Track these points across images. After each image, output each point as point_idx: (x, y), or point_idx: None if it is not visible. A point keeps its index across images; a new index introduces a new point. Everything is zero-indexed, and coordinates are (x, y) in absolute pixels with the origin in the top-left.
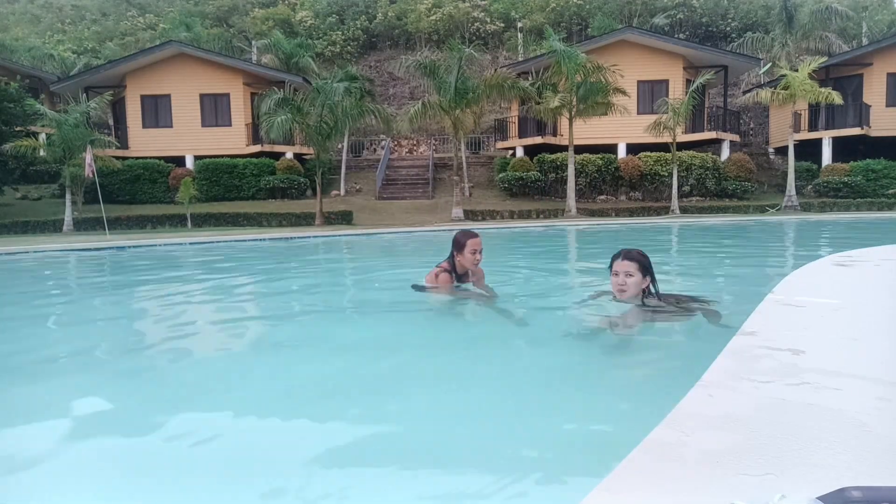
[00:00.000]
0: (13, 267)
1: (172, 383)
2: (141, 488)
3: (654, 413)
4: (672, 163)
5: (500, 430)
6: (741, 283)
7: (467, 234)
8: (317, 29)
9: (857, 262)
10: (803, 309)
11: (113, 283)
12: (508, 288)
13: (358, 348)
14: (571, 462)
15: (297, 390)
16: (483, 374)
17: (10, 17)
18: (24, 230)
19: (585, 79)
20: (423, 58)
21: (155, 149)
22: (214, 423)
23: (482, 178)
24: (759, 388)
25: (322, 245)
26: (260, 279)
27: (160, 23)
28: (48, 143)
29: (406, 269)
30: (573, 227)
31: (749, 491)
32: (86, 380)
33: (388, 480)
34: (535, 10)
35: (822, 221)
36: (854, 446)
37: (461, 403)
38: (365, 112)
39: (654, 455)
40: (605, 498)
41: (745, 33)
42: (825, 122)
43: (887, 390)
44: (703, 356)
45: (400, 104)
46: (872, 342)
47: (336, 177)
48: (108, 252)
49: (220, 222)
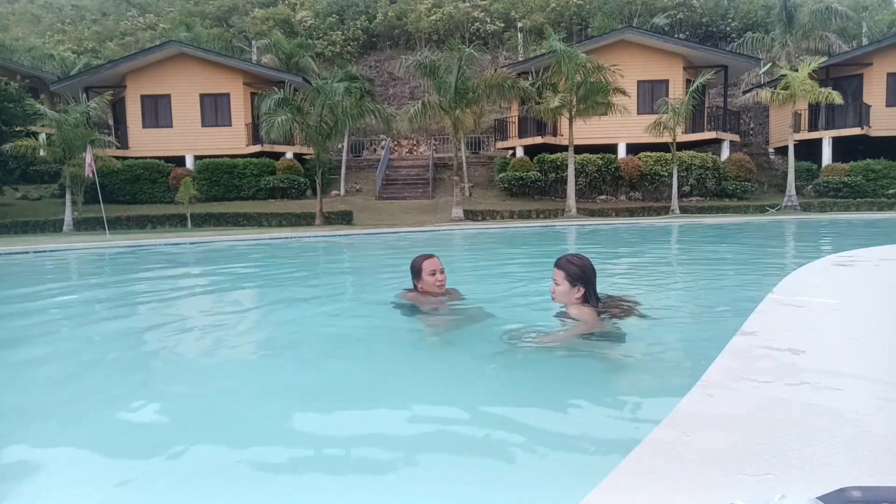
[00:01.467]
0: (12, 267)
1: (172, 384)
2: (140, 489)
3: (654, 413)
4: (672, 163)
5: (499, 431)
6: (741, 283)
7: (421, 256)
8: (317, 29)
9: (857, 262)
10: (803, 309)
11: (113, 283)
12: (498, 286)
13: (358, 348)
14: (571, 462)
15: (296, 390)
16: (482, 374)
17: (10, 17)
18: (24, 230)
19: (585, 79)
20: (423, 58)
21: (155, 149)
22: (215, 422)
23: (482, 178)
24: (759, 388)
25: (322, 245)
26: (260, 279)
27: (160, 23)
28: (48, 143)
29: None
30: (574, 227)
31: (749, 491)
32: (83, 380)
33: (388, 481)
34: (535, 10)
35: (822, 221)
36: (854, 446)
37: (460, 404)
38: (365, 112)
39: (654, 455)
40: (605, 498)
41: (745, 33)
42: (825, 122)
43: (887, 390)
44: (703, 356)
45: (400, 104)
46: (872, 342)
47: (336, 177)
48: (107, 252)
49: (220, 222)
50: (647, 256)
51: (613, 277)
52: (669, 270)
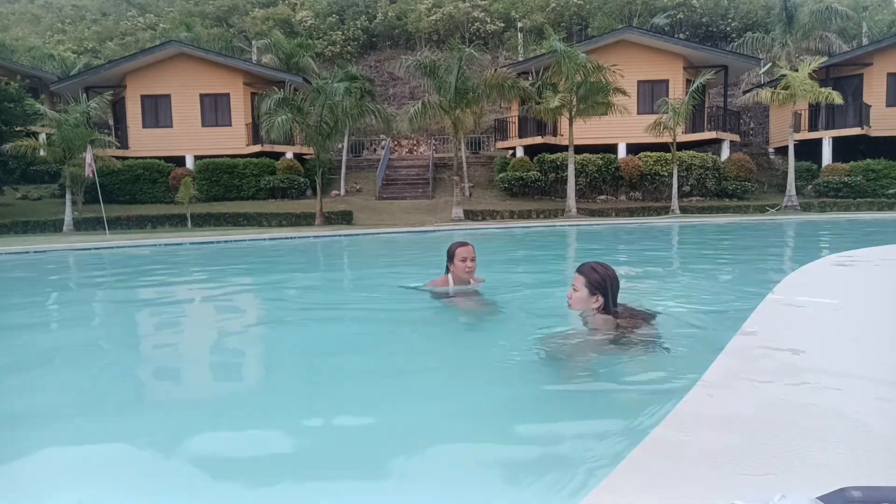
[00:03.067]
0: (11, 268)
1: (172, 382)
2: (141, 488)
3: (654, 413)
4: (672, 163)
5: (499, 431)
6: (741, 283)
7: (458, 243)
8: (317, 29)
9: (857, 262)
10: (803, 309)
11: (113, 283)
12: (502, 287)
13: (358, 349)
14: (571, 462)
15: (296, 390)
16: (481, 374)
17: (10, 17)
18: (24, 230)
19: (585, 79)
20: (423, 58)
21: (155, 149)
22: (213, 424)
23: (482, 178)
24: (759, 388)
25: (322, 245)
26: (260, 279)
27: (160, 23)
28: (48, 143)
29: (405, 268)
30: (573, 227)
31: (749, 491)
32: (79, 382)
33: (389, 481)
34: (535, 10)
35: (823, 221)
36: (854, 446)
37: (460, 404)
38: (365, 112)
39: (655, 455)
40: (605, 498)
41: (745, 33)
42: (825, 122)
43: (887, 390)
44: (703, 356)
45: (400, 104)
46: (872, 342)
47: (336, 177)
48: (108, 252)
49: (220, 222)
50: (646, 256)
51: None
52: (669, 270)
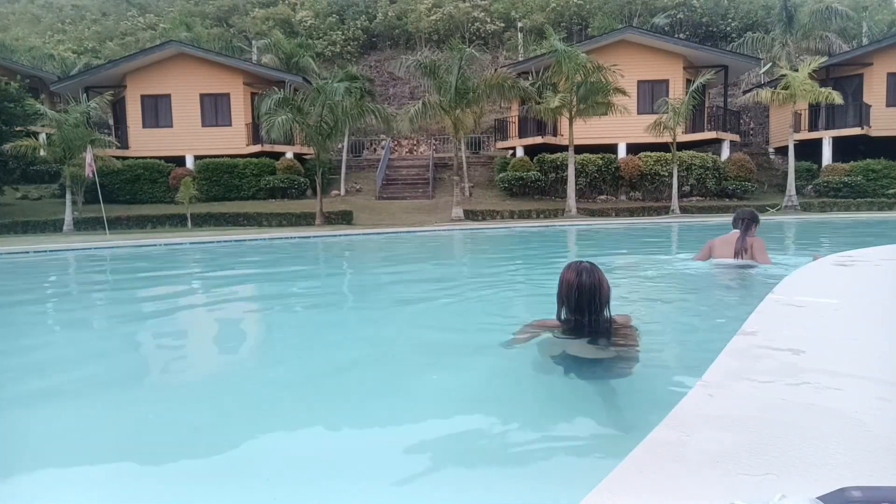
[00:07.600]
0: (11, 268)
1: (172, 382)
2: (142, 488)
3: (654, 413)
4: (672, 163)
5: (499, 431)
6: (741, 283)
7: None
8: (317, 29)
9: (857, 262)
10: (803, 309)
11: (113, 283)
12: (501, 289)
13: (359, 349)
14: (571, 462)
15: (295, 389)
16: (480, 374)
17: (10, 17)
18: (24, 230)
19: (585, 79)
20: (424, 58)
21: (155, 149)
22: (213, 424)
23: (482, 178)
24: (759, 388)
25: (322, 245)
26: (259, 278)
27: (160, 23)
28: (48, 143)
29: (404, 268)
30: (573, 227)
31: (749, 491)
32: (78, 382)
33: (391, 481)
34: (536, 9)
35: (823, 221)
36: (854, 446)
37: (460, 404)
38: (365, 112)
39: (655, 455)
40: (605, 498)
41: (745, 33)
42: (825, 121)
43: (887, 390)
44: (703, 356)
45: (400, 104)
46: (872, 342)
47: (336, 177)
48: (107, 252)
49: (220, 222)
50: (646, 256)
51: (613, 277)
52: (669, 270)
